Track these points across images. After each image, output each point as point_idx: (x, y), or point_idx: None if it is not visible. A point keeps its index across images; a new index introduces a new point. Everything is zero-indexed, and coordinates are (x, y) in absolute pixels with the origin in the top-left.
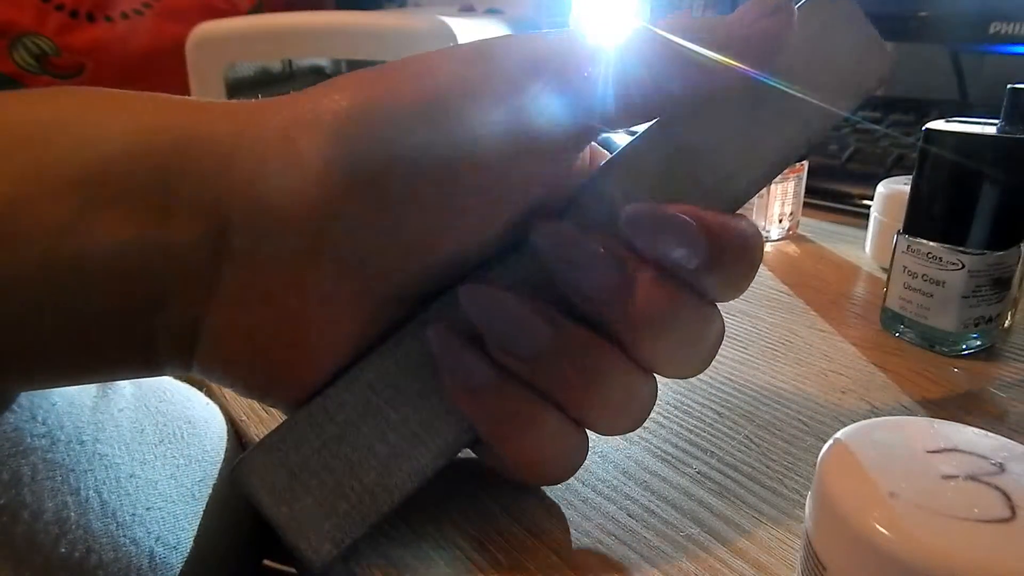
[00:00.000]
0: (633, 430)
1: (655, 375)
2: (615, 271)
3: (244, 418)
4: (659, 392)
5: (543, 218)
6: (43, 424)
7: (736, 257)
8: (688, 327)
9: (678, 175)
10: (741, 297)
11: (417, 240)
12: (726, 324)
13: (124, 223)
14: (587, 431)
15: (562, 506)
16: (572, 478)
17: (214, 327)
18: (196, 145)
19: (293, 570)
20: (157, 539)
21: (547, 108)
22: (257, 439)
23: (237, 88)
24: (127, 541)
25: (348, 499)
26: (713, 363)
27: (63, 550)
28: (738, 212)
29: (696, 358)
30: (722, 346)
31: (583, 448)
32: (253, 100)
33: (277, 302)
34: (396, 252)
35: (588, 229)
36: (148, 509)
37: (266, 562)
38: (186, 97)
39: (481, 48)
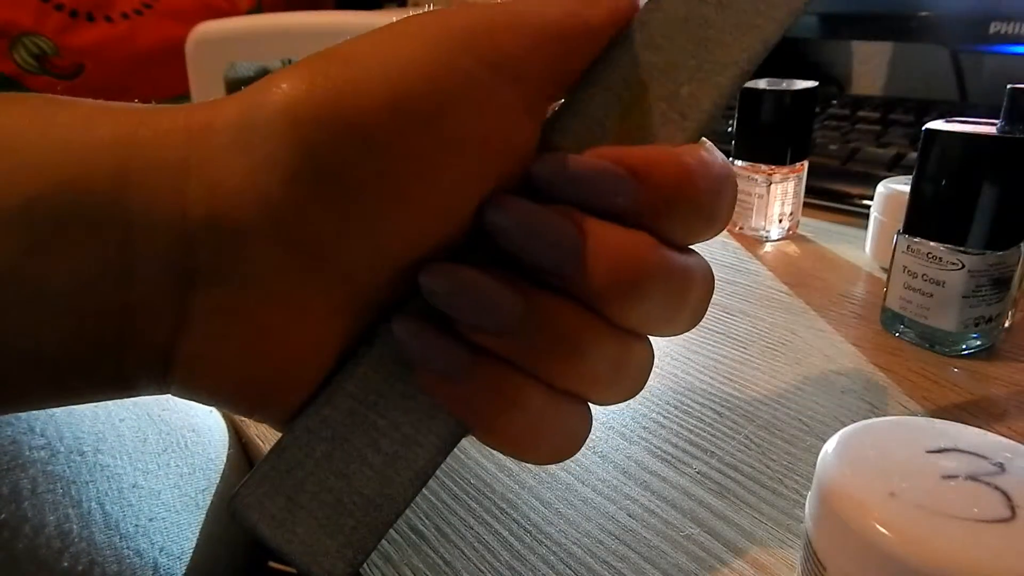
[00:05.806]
0: (632, 396)
1: (648, 337)
2: (571, 238)
3: (247, 425)
4: (659, 392)
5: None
6: (42, 436)
7: (677, 190)
8: (664, 284)
9: (630, 109)
10: (741, 297)
11: (393, 239)
12: (725, 323)
13: (79, 258)
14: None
15: (562, 506)
16: (572, 478)
17: (186, 353)
18: (145, 168)
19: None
20: (161, 550)
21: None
22: (262, 445)
23: (237, 88)
24: (131, 552)
25: (352, 515)
26: (713, 363)
27: (66, 564)
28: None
29: (681, 315)
30: (722, 346)
31: (583, 420)
32: (199, 104)
33: (251, 319)
34: (370, 254)
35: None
36: (151, 519)
37: (270, 563)
38: (131, 106)
39: (430, 22)
